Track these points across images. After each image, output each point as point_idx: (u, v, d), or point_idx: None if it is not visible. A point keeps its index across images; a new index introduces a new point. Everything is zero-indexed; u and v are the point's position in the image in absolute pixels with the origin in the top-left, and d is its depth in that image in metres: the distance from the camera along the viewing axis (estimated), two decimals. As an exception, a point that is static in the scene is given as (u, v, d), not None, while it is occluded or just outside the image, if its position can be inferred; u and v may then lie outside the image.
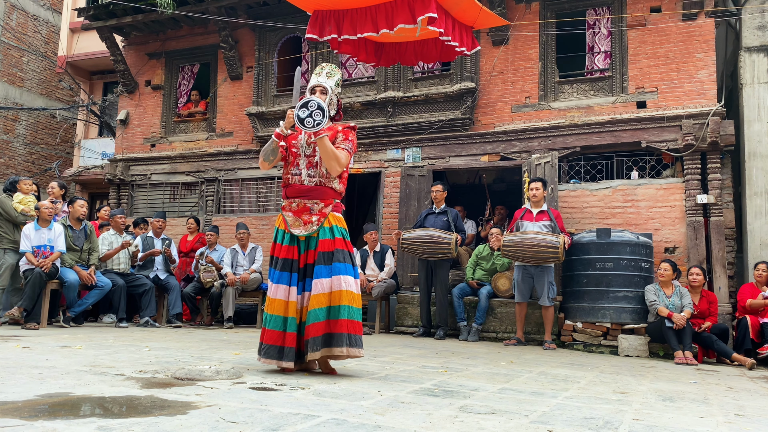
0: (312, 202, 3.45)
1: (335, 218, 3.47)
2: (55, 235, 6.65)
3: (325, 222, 3.42)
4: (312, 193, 3.46)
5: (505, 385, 3.34)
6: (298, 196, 3.48)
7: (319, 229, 3.41)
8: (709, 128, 7.45)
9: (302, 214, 3.45)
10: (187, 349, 4.61)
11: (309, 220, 3.43)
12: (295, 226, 3.45)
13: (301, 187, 3.47)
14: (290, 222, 3.46)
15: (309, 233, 3.42)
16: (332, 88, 3.55)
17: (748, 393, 3.81)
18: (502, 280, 7.26)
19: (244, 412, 2.21)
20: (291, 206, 3.49)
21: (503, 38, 8.74)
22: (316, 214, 3.44)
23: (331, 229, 3.42)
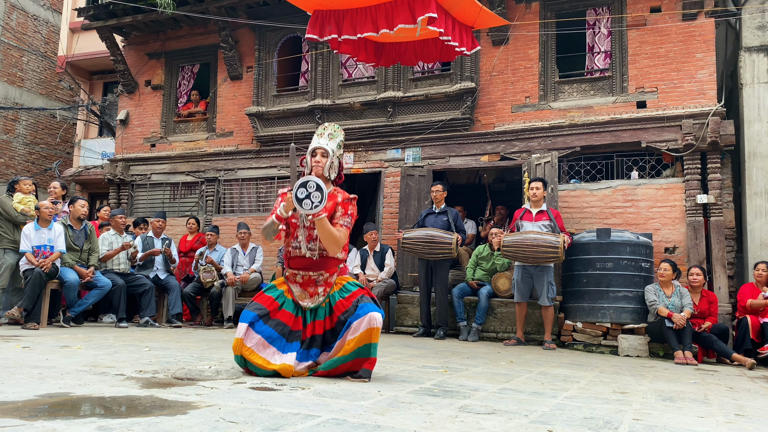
0: (317, 273, 3.39)
1: (341, 281, 3.44)
2: (55, 235, 6.65)
3: (332, 290, 3.40)
4: (315, 266, 3.39)
5: (505, 385, 3.34)
6: (302, 268, 3.41)
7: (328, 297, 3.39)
8: (709, 128, 7.45)
9: (308, 286, 3.40)
10: (187, 349, 4.61)
11: (315, 291, 3.39)
12: (302, 298, 3.39)
13: (303, 260, 3.39)
14: (297, 294, 3.40)
15: (316, 305, 3.37)
16: (334, 151, 3.45)
17: (748, 393, 3.81)
18: (502, 280, 7.26)
19: (244, 412, 2.21)
20: (296, 278, 3.43)
21: (503, 38, 8.74)
22: (321, 285, 3.40)
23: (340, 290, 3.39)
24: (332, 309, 3.37)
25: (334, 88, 9.66)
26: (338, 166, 3.53)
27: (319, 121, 9.61)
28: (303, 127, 9.76)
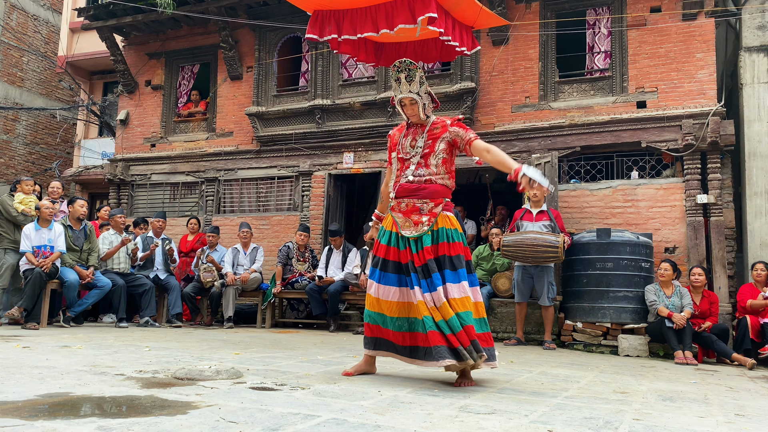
0: (421, 201, 3.35)
1: (447, 218, 3.35)
2: (55, 235, 6.65)
3: (437, 223, 3.32)
4: (419, 193, 3.35)
5: (505, 385, 3.34)
6: (407, 195, 3.37)
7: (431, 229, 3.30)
8: (709, 128, 7.45)
9: (411, 214, 3.35)
10: (187, 349, 4.61)
11: (419, 220, 3.33)
12: (406, 227, 3.34)
13: (409, 186, 3.37)
14: (400, 223, 3.36)
15: (420, 234, 3.29)
16: (419, 93, 3.40)
17: (748, 393, 3.81)
18: (502, 280, 7.26)
19: (244, 412, 2.21)
20: (400, 207, 3.39)
21: (503, 38, 8.74)
22: (426, 214, 3.33)
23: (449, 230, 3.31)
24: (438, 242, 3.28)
25: (334, 88, 9.66)
26: (430, 99, 3.49)
27: (319, 121, 9.60)
28: (303, 127, 9.76)
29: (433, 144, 3.41)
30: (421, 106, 3.41)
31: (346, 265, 8.01)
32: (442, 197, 3.39)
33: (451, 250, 3.27)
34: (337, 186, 9.84)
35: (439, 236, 3.29)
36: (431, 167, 3.39)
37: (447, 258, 3.24)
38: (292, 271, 8.25)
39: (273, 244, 9.54)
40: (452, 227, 3.33)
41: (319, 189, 9.67)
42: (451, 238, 3.29)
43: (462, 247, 3.31)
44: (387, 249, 3.36)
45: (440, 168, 3.41)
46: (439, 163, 3.41)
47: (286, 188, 10.03)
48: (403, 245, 3.33)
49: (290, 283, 8.13)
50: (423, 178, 3.37)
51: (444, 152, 3.43)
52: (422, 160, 3.39)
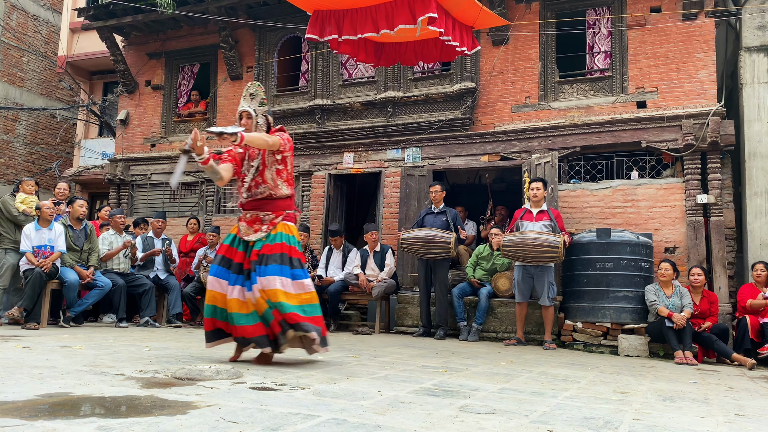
0: (263, 213, 3.81)
1: (285, 226, 3.79)
2: (55, 235, 6.65)
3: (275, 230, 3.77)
4: (261, 207, 3.83)
5: (505, 385, 3.34)
6: (251, 209, 3.86)
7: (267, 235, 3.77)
8: (709, 128, 7.45)
9: (254, 224, 3.82)
10: (187, 349, 4.61)
11: (259, 228, 3.80)
12: (248, 234, 3.81)
13: (253, 202, 3.85)
14: (243, 231, 3.83)
15: (257, 239, 3.75)
16: (256, 110, 3.86)
17: (748, 393, 3.81)
18: (502, 280, 7.26)
19: (244, 412, 2.21)
20: (245, 217, 3.87)
21: (503, 38, 8.74)
22: (266, 223, 3.80)
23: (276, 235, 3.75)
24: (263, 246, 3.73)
25: (334, 88, 9.66)
26: (265, 122, 3.92)
27: (319, 121, 9.61)
28: (303, 127, 9.76)
29: (263, 159, 3.82)
30: (254, 122, 3.84)
31: (346, 265, 8.01)
32: (283, 210, 3.84)
33: (282, 249, 3.69)
34: (337, 186, 9.84)
35: (274, 239, 3.72)
36: (268, 181, 3.82)
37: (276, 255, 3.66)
38: (292, 271, 8.24)
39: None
40: (290, 233, 3.78)
41: (319, 189, 9.67)
42: (288, 241, 3.74)
43: (295, 250, 3.76)
44: (227, 249, 3.83)
45: (276, 180, 3.83)
46: (274, 175, 3.83)
47: (286, 188, 10.02)
48: (242, 248, 3.79)
49: (290, 283, 8.11)
50: (263, 194, 3.82)
51: (276, 163, 3.83)
52: (259, 177, 3.82)
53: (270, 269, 3.59)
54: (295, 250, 3.74)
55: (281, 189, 3.83)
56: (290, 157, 3.90)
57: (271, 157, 3.80)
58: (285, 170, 3.85)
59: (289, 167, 3.88)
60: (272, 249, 3.67)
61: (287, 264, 3.65)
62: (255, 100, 3.86)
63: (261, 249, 3.68)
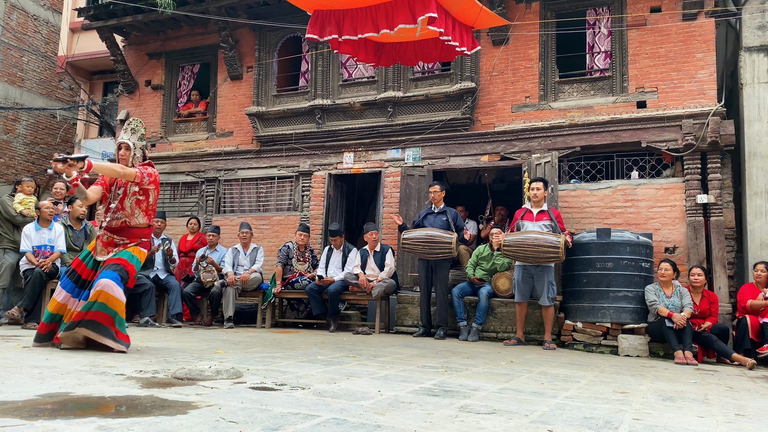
0: (120, 238, 4.22)
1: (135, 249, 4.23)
2: (55, 235, 6.65)
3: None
4: (119, 232, 4.21)
5: (505, 385, 3.34)
6: (110, 231, 4.22)
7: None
8: (709, 128, 7.45)
9: (109, 245, 4.22)
10: (187, 349, 4.61)
11: (111, 250, 4.20)
12: (101, 254, 4.21)
13: (112, 226, 4.22)
14: (98, 250, 4.22)
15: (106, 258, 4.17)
16: (135, 144, 4.26)
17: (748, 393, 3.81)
18: (502, 280, 7.26)
19: (244, 411, 2.21)
20: (103, 238, 4.22)
21: (503, 38, 8.74)
22: (121, 246, 4.21)
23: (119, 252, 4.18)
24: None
25: (334, 88, 9.66)
26: (141, 155, 4.34)
27: (319, 121, 9.61)
28: (303, 127, 9.76)
29: (126, 188, 4.19)
30: (131, 154, 4.25)
31: (346, 265, 8.01)
32: (138, 237, 4.25)
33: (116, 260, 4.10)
34: (337, 186, 9.84)
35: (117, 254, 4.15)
36: (126, 209, 4.20)
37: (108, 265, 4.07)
38: (292, 271, 8.25)
39: (273, 244, 9.54)
40: (135, 254, 4.20)
41: (319, 189, 9.67)
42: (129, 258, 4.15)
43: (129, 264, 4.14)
44: (78, 263, 4.25)
45: (134, 209, 4.21)
46: (133, 205, 4.20)
47: (286, 188, 10.03)
48: (92, 265, 4.20)
49: (290, 283, 8.13)
50: (120, 221, 4.20)
51: (137, 194, 4.20)
52: (119, 204, 4.19)
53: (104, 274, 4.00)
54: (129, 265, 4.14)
55: (137, 218, 4.23)
56: (154, 190, 4.27)
57: (133, 187, 4.18)
58: (145, 202, 4.24)
59: (151, 200, 4.26)
60: (112, 260, 4.10)
61: (118, 272, 4.03)
62: (135, 134, 4.28)
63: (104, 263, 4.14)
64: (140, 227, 4.26)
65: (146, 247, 4.33)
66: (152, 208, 4.31)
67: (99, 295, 3.91)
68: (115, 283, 3.97)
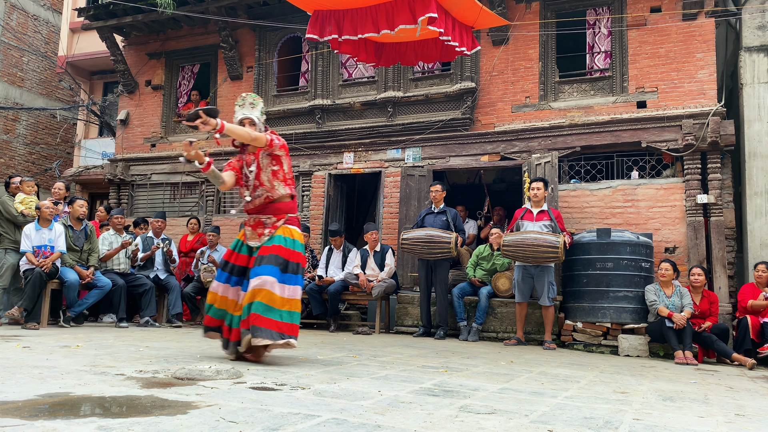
0: (265, 217, 3.93)
1: (286, 229, 3.88)
2: (55, 236, 6.65)
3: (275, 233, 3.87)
4: (263, 211, 3.94)
5: (505, 385, 3.34)
6: (253, 212, 3.98)
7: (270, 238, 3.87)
8: (709, 128, 7.45)
9: (257, 228, 3.94)
10: (188, 349, 4.61)
11: (262, 233, 3.91)
12: (251, 238, 3.95)
13: (254, 206, 3.96)
14: (248, 235, 3.98)
15: (260, 245, 3.86)
16: (258, 118, 3.95)
17: (748, 393, 3.81)
18: (502, 280, 7.26)
19: (244, 411, 2.21)
20: (249, 222, 3.99)
21: (503, 38, 8.74)
22: (269, 227, 3.91)
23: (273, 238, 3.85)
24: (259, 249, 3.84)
25: (334, 88, 9.66)
26: (264, 130, 4.02)
27: (319, 121, 9.61)
28: (303, 127, 9.77)
29: (258, 161, 3.92)
30: (258, 129, 3.92)
31: (346, 265, 8.01)
32: (284, 213, 3.94)
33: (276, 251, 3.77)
34: (337, 186, 9.85)
35: (272, 241, 3.83)
36: (265, 183, 3.92)
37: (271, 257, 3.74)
38: (292, 271, 8.24)
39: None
40: (289, 236, 3.85)
41: (319, 189, 9.67)
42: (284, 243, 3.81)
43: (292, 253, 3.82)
44: (230, 254, 4.02)
45: (272, 181, 3.92)
46: (270, 177, 3.92)
47: (286, 188, 10.02)
48: (250, 254, 3.93)
49: (290, 283, 8.11)
50: (262, 197, 3.93)
51: (270, 165, 3.92)
52: (256, 181, 3.93)
53: (260, 269, 3.69)
54: (293, 253, 3.80)
55: (278, 189, 3.91)
56: (285, 157, 3.95)
57: (265, 159, 3.90)
58: (281, 170, 3.93)
59: (285, 167, 3.94)
60: (268, 250, 3.76)
61: (278, 265, 3.72)
62: (256, 108, 3.95)
63: (259, 252, 3.81)
64: (283, 200, 3.94)
65: (294, 223, 3.96)
66: (289, 176, 3.99)
67: (255, 295, 3.62)
68: (272, 277, 3.65)
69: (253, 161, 3.93)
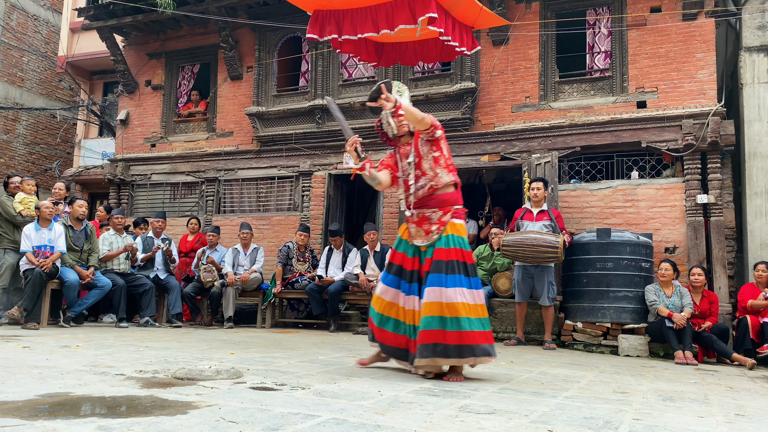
0: (430, 211, 3.57)
1: (454, 226, 3.53)
2: (55, 236, 6.65)
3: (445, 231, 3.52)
4: (427, 204, 3.58)
5: (505, 385, 3.34)
6: (417, 207, 3.62)
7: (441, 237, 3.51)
8: (709, 128, 7.45)
9: (422, 224, 3.58)
10: (187, 349, 4.61)
11: (429, 230, 3.55)
12: (417, 236, 3.59)
13: (417, 199, 3.62)
14: (413, 233, 3.62)
15: (430, 243, 3.52)
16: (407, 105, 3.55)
17: (748, 393, 3.81)
18: (502, 280, 7.26)
19: (244, 411, 2.21)
20: (412, 218, 3.62)
21: (503, 38, 8.74)
22: (435, 223, 3.54)
23: (449, 237, 3.49)
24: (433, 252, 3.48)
25: (334, 88, 9.66)
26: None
27: (319, 121, 9.61)
28: (303, 127, 9.76)
29: (417, 149, 3.63)
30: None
31: (346, 265, 8.01)
32: (450, 205, 3.57)
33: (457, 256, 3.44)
34: (337, 186, 9.84)
35: (448, 243, 3.46)
36: (427, 172, 3.59)
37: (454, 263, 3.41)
38: (292, 271, 8.25)
39: (273, 244, 9.54)
40: (460, 235, 3.51)
41: (319, 189, 9.67)
42: (461, 244, 3.48)
43: (469, 255, 3.50)
44: (395, 254, 3.68)
45: (435, 168, 3.58)
46: (432, 164, 3.59)
47: (286, 188, 10.04)
48: (413, 254, 3.59)
49: (290, 283, 8.13)
50: (426, 188, 3.58)
51: (431, 151, 3.60)
52: (418, 171, 3.62)
53: (448, 279, 3.36)
54: (468, 255, 3.51)
55: (442, 177, 3.57)
56: (444, 141, 3.63)
57: (425, 146, 3.60)
58: (442, 156, 3.60)
59: (445, 152, 3.61)
60: (447, 255, 3.42)
61: (463, 272, 3.42)
62: (404, 96, 3.63)
63: (435, 255, 3.46)
64: (447, 190, 3.58)
65: (461, 216, 3.58)
66: (450, 162, 3.63)
67: (444, 309, 3.30)
68: (462, 287, 3.36)
69: (410, 151, 3.64)
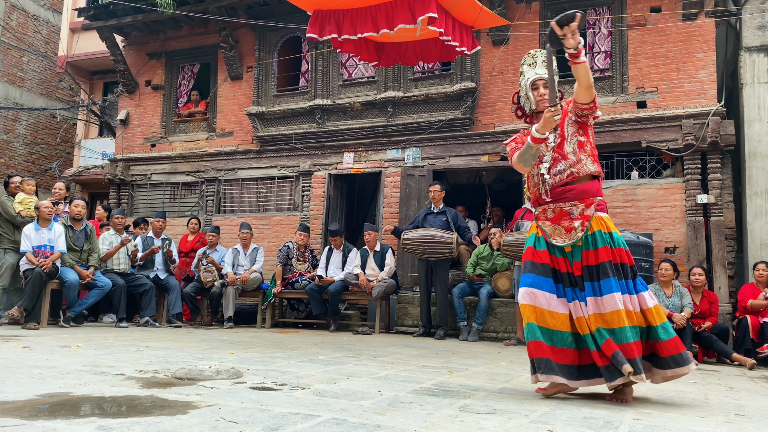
0: (570, 204, 3.04)
1: (602, 220, 3.02)
2: (55, 236, 6.65)
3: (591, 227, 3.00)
4: (565, 196, 3.05)
5: (505, 385, 3.34)
6: (552, 200, 3.08)
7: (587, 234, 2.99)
8: (710, 128, 7.45)
9: (561, 220, 3.05)
10: (187, 349, 4.61)
11: (571, 226, 3.02)
12: (555, 235, 3.06)
13: (553, 191, 3.09)
14: (549, 232, 3.08)
15: (574, 243, 3.01)
16: (554, 78, 3.17)
17: (748, 393, 3.81)
18: (502, 280, 7.26)
19: (244, 411, 2.21)
20: (546, 214, 3.11)
21: (503, 38, 8.74)
22: (577, 218, 3.02)
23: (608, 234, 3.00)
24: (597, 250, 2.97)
25: (335, 88, 9.66)
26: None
27: (319, 121, 9.60)
28: (303, 127, 9.76)
29: (562, 130, 3.11)
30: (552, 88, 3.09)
31: (346, 265, 8.01)
32: (592, 197, 3.04)
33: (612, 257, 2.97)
34: (337, 186, 9.85)
35: (597, 243, 2.98)
36: (569, 156, 3.07)
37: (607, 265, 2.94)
38: (292, 271, 8.25)
39: (273, 244, 9.54)
40: (611, 230, 3.01)
41: (319, 189, 9.67)
42: (612, 242, 2.99)
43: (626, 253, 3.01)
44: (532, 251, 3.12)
45: (579, 154, 3.07)
46: (576, 148, 3.08)
47: (286, 188, 10.04)
48: (552, 252, 3.08)
49: (290, 283, 8.13)
50: (564, 174, 3.05)
51: (576, 134, 3.11)
52: (557, 153, 3.09)
53: (630, 284, 2.95)
54: (625, 253, 3.00)
55: (586, 165, 3.05)
56: (591, 128, 3.18)
57: (571, 126, 3.12)
58: (588, 142, 3.11)
59: (591, 139, 3.14)
60: (614, 257, 2.96)
61: (637, 275, 3.00)
62: (550, 66, 3.18)
63: (585, 260, 2.99)
64: (589, 179, 3.06)
65: (604, 209, 3.06)
66: (596, 152, 3.15)
67: (650, 316, 2.90)
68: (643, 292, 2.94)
69: (554, 130, 3.05)
